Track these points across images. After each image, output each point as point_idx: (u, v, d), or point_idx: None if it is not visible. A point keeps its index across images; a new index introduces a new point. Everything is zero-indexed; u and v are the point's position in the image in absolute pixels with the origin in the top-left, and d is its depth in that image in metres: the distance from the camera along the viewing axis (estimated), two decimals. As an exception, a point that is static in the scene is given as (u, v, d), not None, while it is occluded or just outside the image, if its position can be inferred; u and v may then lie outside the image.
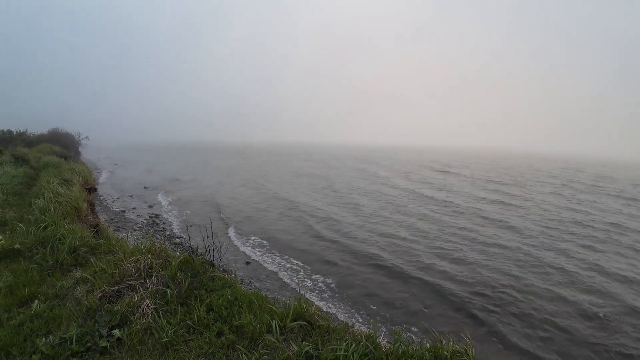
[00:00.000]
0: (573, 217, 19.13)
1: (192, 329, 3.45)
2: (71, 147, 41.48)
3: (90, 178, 11.47)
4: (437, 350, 3.17)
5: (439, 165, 56.14)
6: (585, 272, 10.99)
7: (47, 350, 2.97)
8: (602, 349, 7.16)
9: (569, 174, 47.67)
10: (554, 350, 7.06)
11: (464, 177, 38.77)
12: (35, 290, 4.08)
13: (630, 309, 8.77)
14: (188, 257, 4.50)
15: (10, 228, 6.38)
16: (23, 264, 4.83)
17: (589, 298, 9.27)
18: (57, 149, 28.41)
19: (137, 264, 4.13)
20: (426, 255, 12.09)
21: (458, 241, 13.86)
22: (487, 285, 9.76)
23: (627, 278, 10.67)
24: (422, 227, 16.08)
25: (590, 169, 62.87)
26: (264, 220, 16.87)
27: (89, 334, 3.22)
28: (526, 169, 54.67)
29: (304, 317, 3.67)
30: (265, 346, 3.24)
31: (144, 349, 3.19)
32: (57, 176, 10.03)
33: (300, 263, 11.30)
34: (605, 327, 7.99)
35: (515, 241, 14.09)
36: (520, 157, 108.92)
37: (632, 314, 8.53)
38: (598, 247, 13.71)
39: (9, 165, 13.62)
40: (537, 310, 8.51)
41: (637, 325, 8.05)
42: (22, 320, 3.49)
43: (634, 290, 9.87)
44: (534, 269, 11.13)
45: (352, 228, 15.66)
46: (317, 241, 13.72)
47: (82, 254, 5.13)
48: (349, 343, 3.15)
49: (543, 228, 16.46)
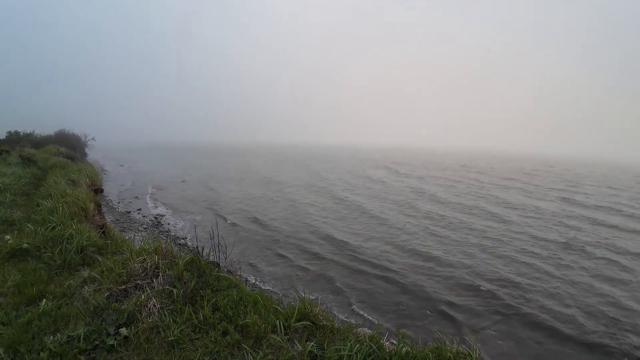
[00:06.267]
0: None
1: (198, 328, 3.48)
2: (77, 148, 41.89)
3: (96, 179, 11.59)
4: (440, 351, 3.17)
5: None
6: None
7: (55, 348, 3.01)
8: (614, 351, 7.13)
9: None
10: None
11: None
12: (43, 289, 4.14)
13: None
14: (194, 257, 4.55)
15: (18, 228, 6.47)
16: (31, 263, 4.89)
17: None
18: (64, 150, 28.71)
19: (144, 264, 4.18)
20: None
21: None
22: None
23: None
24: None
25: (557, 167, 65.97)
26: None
27: (96, 332, 3.26)
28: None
29: (308, 318, 3.69)
30: (270, 345, 3.26)
31: (151, 347, 3.22)
32: (64, 177, 10.15)
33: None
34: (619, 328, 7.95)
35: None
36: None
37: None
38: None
39: (16, 166, 13.79)
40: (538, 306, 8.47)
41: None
42: (30, 318, 3.53)
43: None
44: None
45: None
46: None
47: (90, 253, 5.19)
48: (352, 343, 3.17)
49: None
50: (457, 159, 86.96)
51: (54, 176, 10.29)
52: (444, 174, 42.84)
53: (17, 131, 35.23)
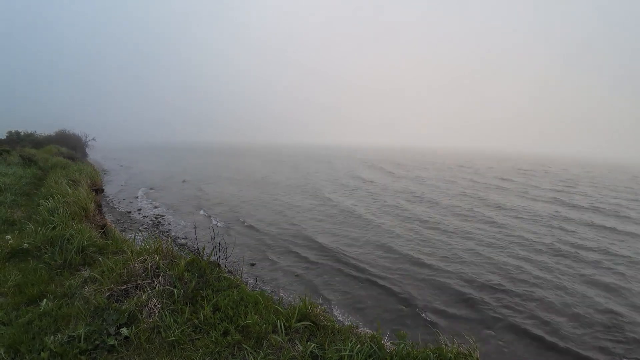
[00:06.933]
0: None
1: (199, 328, 3.48)
2: (78, 148, 41.97)
3: (97, 179, 11.59)
4: (441, 351, 3.16)
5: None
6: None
7: (56, 348, 3.00)
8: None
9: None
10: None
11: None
12: (44, 289, 4.13)
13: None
14: (195, 257, 4.54)
15: (19, 228, 6.47)
16: (32, 263, 4.89)
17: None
18: (65, 150, 28.75)
19: (145, 264, 4.18)
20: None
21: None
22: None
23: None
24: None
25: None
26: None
27: (97, 332, 3.26)
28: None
29: (309, 318, 3.68)
30: (270, 346, 3.26)
31: (151, 347, 3.22)
32: (64, 177, 10.15)
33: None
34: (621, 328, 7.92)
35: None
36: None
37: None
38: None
39: (17, 166, 13.80)
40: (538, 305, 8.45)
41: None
42: (30, 318, 3.53)
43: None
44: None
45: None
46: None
47: (90, 253, 5.19)
48: (353, 344, 3.16)
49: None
50: (457, 158, 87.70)
51: (55, 176, 10.29)
52: (443, 175, 42.87)
53: (18, 131, 35.31)
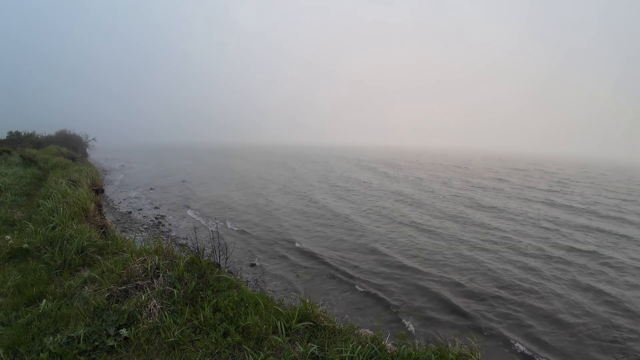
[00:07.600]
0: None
1: (199, 329, 3.46)
2: (79, 148, 42.00)
3: (97, 179, 11.55)
4: (442, 353, 3.14)
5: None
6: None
7: (55, 349, 2.99)
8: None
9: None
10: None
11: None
12: (43, 290, 4.12)
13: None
14: (194, 257, 4.52)
15: (18, 228, 6.45)
16: (31, 264, 4.88)
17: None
18: (65, 150, 28.75)
19: (145, 264, 4.15)
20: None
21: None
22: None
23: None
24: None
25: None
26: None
27: (96, 333, 3.24)
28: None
29: (309, 318, 3.66)
30: (271, 347, 3.24)
31: (151, 348, 3.20)
32: (65, 177, 10.13)
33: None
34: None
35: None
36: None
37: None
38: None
39: (17, 166, 13.80)
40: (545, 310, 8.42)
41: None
42: (30, 319, 3.52)
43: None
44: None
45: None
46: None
47: (90, 254, 5.16)
48: (354, 345, 3.14)
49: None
50: (455, 159, 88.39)
51: (55, 176, 10.26)
52: (444, 175, 43.03)
53: (18, 131, 35.30)
